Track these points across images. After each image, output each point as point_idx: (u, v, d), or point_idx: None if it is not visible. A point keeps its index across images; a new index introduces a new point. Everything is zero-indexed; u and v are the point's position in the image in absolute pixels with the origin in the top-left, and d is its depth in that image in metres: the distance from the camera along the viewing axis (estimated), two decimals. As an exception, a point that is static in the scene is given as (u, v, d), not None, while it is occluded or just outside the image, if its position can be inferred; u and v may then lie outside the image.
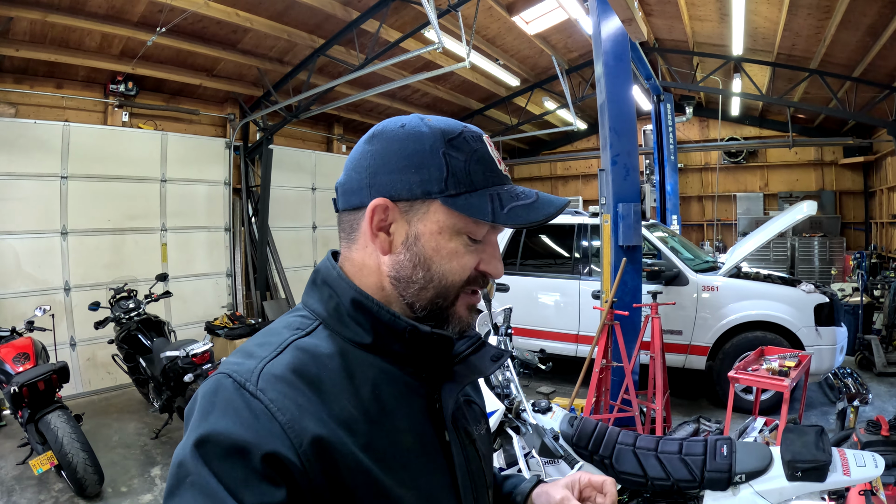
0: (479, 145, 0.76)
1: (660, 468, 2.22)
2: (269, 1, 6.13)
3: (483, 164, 0.75)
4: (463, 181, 0.73)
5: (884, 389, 5.66)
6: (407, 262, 0.75)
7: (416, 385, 0.76)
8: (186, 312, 7.35)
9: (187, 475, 0.60)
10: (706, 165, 12.81)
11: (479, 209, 0.72)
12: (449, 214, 0.73)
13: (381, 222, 0.74)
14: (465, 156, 0.74)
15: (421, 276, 0.74)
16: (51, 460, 3.64)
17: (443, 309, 0.76)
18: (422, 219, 0.74)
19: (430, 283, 0.75)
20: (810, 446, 2.15)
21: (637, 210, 4.54)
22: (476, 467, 0.84)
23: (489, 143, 0.78)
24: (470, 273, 0.76)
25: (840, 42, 7.02)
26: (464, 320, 0.78)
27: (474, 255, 0.76)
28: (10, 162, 5.84)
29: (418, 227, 0.74)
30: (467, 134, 0.76)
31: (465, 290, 0.77)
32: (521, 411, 2.17)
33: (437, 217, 0.74)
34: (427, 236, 0.74)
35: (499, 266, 0.79)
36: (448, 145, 0.73)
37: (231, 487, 0.59)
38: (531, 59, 9.44)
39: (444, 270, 0.74)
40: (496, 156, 0.78)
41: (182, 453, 0.62)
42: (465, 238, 0.75)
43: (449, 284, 0.75)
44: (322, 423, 0.65)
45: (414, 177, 0.73)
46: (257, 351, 0.70)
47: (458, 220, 0.73)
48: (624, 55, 4.73)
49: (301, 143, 9.84)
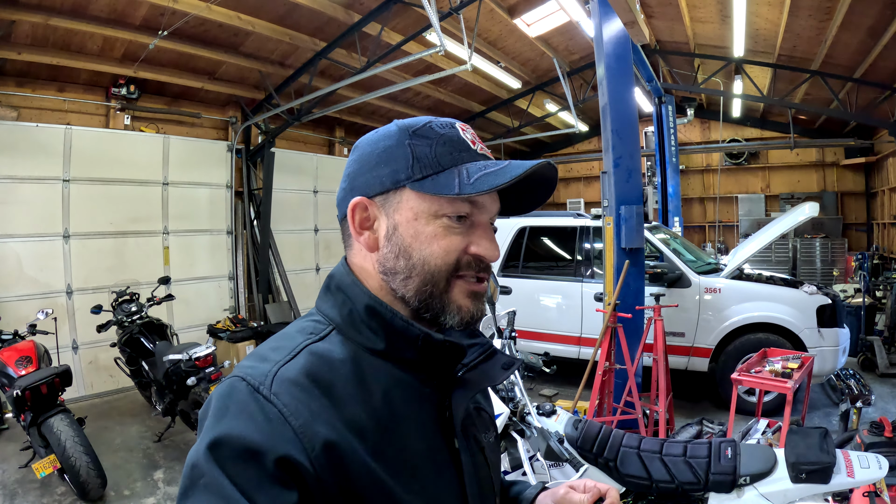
0: (447, 130, 0.77)
1: (664, 471, 2.22)
2: (271, 4, 6.15)
3: (451, 145, 0.76)
4: (430, 164, 0.74)
5: (886, 390, 5.64)
6: (390, 254, 0.76)
7: (427, 392, 0.76)
8: (189, 315, 7.35)
9: (201, 477, 0.61)
10: (708, 167, 12.81)
11: (445, 185, 0.72)
12: (420, 198, 0.74)
13: (363, 221, 0.77)
14: (432, 141, 0.75)
15: (403, 264, 0.75)
16: (53, 464, 3.64)
17: (435, 297, 0.74)
18: (397, 209, 0.75)
19: (414, 271, 0.74)
20: (814, 448, 2.15)
21: (639, 212, 4.54)
22: (484, 475, 0.84)
23: (462, 129, 0.78)
24: (457, 256, 0.74)
25: (841, 43, 7.02)
26: (464, 309, 0.76)
27: (460, 238, 0.75)
28: (12, 165, 5.85)
29: (395, 218, 0.75)
30: (434, 123, 0.77)
31: (458, 275, 0.75)
32: (525, 414, 2.17)
33: (410, 204, 0.75)
34: (404, 224, 0.75)
35: (490, 247, 0.76)
36: (413, 135, 0.76)
37: (245, 490, 0.59)
38: (532, 62, 9.46)
39: (424, 255, 0.74)
40: (469, 138, 0.78)
41: (196, 455, 0.62)
42: (445, 220, 0.74)
43: (433, 269, 0.74)
44: (334, 429, 0.65)
45: (384, 170, 0.75)
46: (271, 355, 0.71)
47: (431, 202, 0.74)
48: (626, 57, 4.74)
49: (303, 146, 9.86)
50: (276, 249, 8.58)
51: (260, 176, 8.28)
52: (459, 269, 0.75)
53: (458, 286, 0.75)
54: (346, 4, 6.45)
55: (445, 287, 0.75)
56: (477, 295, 0.77)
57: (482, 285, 0.77)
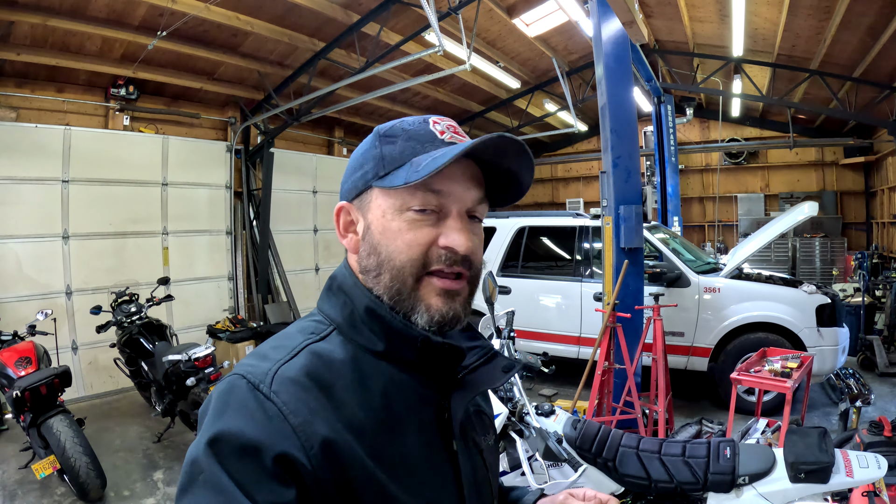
0: (416, 126, 0.77)
1: (663, 471, 2.22)
2: (270, 4, 6.14)
3: (416, 139, 0.76)
4: (394, 161, 0.75)
5: (886, 390, 5.65)
6: (364, 253, 0.77)
7: (426, 394, 0.77)
8: (188, 316, 7.35)
9: (200, 472, 0.61)
10: (707, 166, 12.80)
11: (398, 177, 0.73)
12: (385, 195, 0.75)
13: (347, 224, 0.80)
14: (399, 139, 0.76)
15: (374, 261, 0.75)
16: (53, 464, 3.64)
17: (403, 294, 0.73)
18: (369, 208, 0.77)
19: (382, 267, 0.74)
20: (813, 448, 2.15)
21: (639, 212, 4.53)
22: (482, 477, 0.84)
23: (434, 122, 0.78)
24: (422, 250, 0.73)
25: (840, 42, 7.02)
26: (434, 308, 0.73)
27: (428, 230, 0.73)
28: (11, 166, 5.85)
29: (368, 217, 0.77)
30: (406, 122, 0.78)
31: (427, 271, 0.73)
32: (524, 414, 2.17)
33: (378, 202, 0.76)
34: (375, 223, 0.76)
35: (458, 237, 0.73)
36: (382, 137, 0.77)
37: (243, 485, 0.60)
38: (532, 62, 9.45)
39: (390, 251, 0.74)
40: (440, 129, 0.77)
41: (195, 451, 0.63)
42: (411, 213, 0.73)
43: (399, 265, 0.73)
44: (332, 428, 0.66)
45: (358, 173, 0.78)
46: (272, 354, 0.72)
47: (395, 196, 0.74)
48: (625, 57, 4.74)
49: (302, 147, 9.86)
50: (275, 250, 8.59)
51: (259, 176, 8.28)
52: (429, 264, 0.73)
53: (428, 284, 0.74)
54: (344, 4, 6.45)
55: (414, 284, 0.73)
56: (449, 293, 0.74)
57: (455, 283, 0.74)
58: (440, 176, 0.71)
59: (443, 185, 0.73)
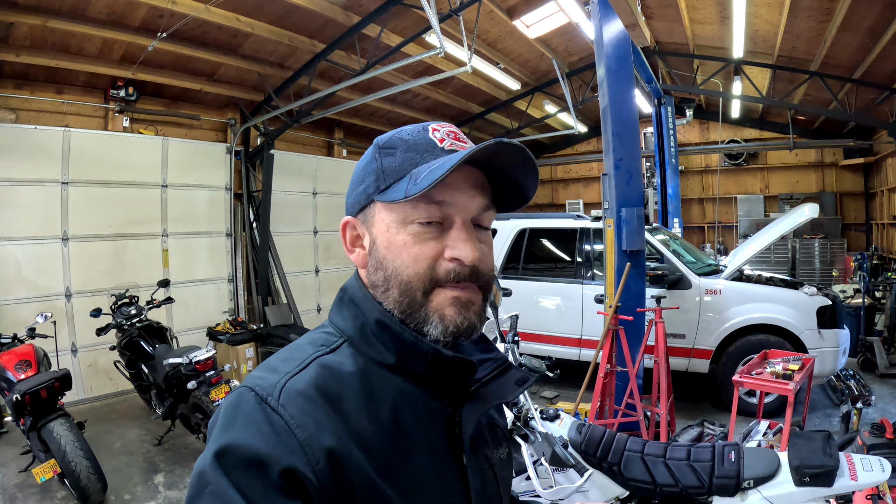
0: (415, 135, 0.76)
1: (668, 475, 2.22)
2: (270, 6, 6.14)
3: (415, 149, 0.74)
4: (394, 173, 0.74)
5: (886, 391, 5.65)
6: (372, 268, 0.77)
7: (436, 408, 0.76)
8: (188, 318, 7.33)
9: (207, 485, 0.61)
10: (707, 168, 12.82)
11: (398, 191, 0.72)
12: (388, 209, 0.75)
13: (353, 239, 0.80)
14: (399, 151, 0.75)
15: (381, 277, 0.75)
16: (53, 468, 3.62)
17: (414, 308, 0.73)
18: (373, 223, 0.76)
19: (390, 282, 0.74)
20: (818, 451, 2.14)
21: (640, 214, 4.53)
22: (493, 492, 0.82)
23: (434, 129, 0.77)
24: (429, 263, 0.72)
25: (840, 44, 7.04)
26: (448, 318, 0.72)
27: (433, 243, 0.73)
28: (10, 168, 5.83)
29: (373, 232, 0.77)
30: (404, 131, 0.77)
31: (437, 283, 0.72)
32: (529, 419, 2.16)
33: (381, 216, 0.75)
34: (380, 237, 0.75)
35: (464, 247, 0.72)
36: (381, 149, 0.76)
37: (249, 498, 0.59)
38: (532, 63, 9.46)
39: (396, 266, 0.73)
40: (440, 136, 0.76)
41: (203, 463, 0.63)
42: (415, 227, 0.72)
43: (407, 279, 0.72)
44: (339, 442, 0.65)
45: (360, 187, 0.78)
46: (281, 366, 0.71)
47: (398, 210, 0.74)
48: (626, 59, 4.73)
49: (302, 148, 9.84)
50: (275, 251, 8.57)
51: (259, 178, 8.26)
52: (437, 278, 0.72)
53: (440, 294, 0.73)
54: (345, 6, 6.45)
55: (424, 297, 0.72)
56: (462, 302, 0.73)
57: (466, 293, 0.73)
58: (441, 186, 0.70)
59: (445, 195, 0.72)
